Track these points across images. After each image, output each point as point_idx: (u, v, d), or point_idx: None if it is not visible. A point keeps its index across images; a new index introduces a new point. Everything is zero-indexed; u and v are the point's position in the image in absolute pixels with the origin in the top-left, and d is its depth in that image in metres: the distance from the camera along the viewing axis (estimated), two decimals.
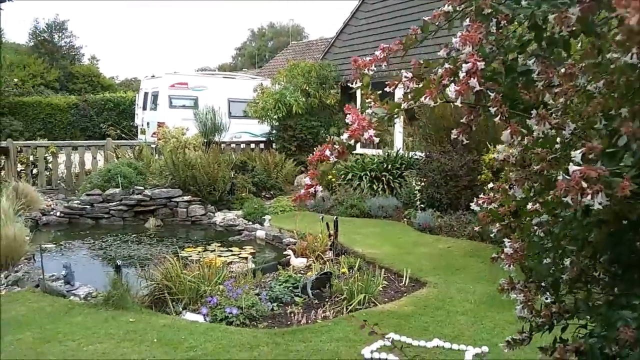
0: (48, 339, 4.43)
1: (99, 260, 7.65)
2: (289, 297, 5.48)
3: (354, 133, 1.47)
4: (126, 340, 4.43)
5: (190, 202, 10.02)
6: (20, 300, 5.35)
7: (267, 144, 14.41)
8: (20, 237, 6.66)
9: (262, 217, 9.36)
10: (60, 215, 9.77)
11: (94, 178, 10.44)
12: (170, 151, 11.05)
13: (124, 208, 9.81)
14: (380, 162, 10.80)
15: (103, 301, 5.21)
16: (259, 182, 11.39)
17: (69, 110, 23.79)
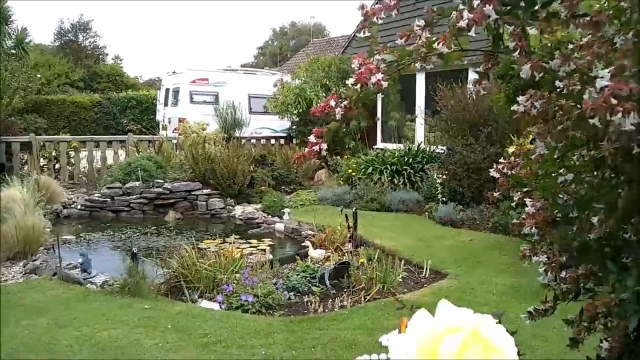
0: (63, 325, 4.41)
1: (118, 251, 7.65)
2: (306, 287, 5.39)
3: (360, 77, 1.36)
4: (140, 326, 4.39)
5: (209, 196, 10.00)
6: (37, 287, 5.35)
7: (288, 140, 14.35)
8: (38, 228, 6.68)
9: (281, 210, 9.28)
10: (81, 208, 9.83)
11: (115, 171, 10.48)
12: (190, 145, 11.06)
13: (144, 201, 9.82)
14: (401, 156, 10.66)
15: (119, 289, 5.18)
16: (279, 176, 11.33)
17: (93, 108, 24.06)
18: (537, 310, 1.75)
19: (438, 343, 0.64)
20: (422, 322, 0.66)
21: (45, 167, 12.08)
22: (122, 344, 4.05)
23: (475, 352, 0.64)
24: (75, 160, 12.56)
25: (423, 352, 0.64)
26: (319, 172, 12.49)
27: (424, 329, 0.65)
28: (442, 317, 0.67)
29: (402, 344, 0.65)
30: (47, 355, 3.84)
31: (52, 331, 4.27)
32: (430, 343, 0.64)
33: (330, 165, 12.28)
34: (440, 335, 0.65)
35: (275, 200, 9.66)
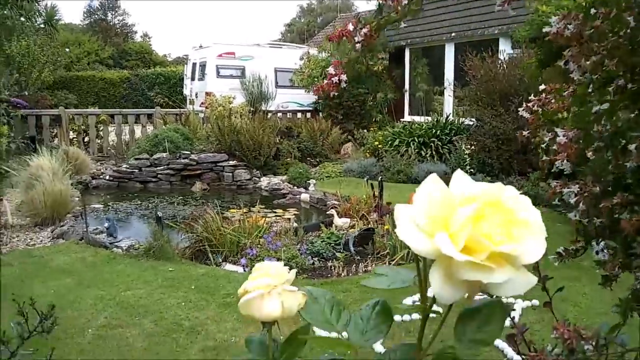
0: (88, 285, 4.45)
1: (145, 218, 7.70)
2: (330, 253, 5.35)
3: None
4: (164, 287, 4.41)
5: (235, 167, 10.00)
6: (64, 251, 5.41)
7: (314, 114, 14.24)
8: (66, 195, 6.75)
9: (307, 181, 9.24)
10: (110, 179, 9.92)
11: (142, 143, 10.54)
12: (216, 118, 11.05)
13: (171, 172, 9.87)
14: (429, 128, 10.49)
15: (144, 252, 5.21)
16: (305, 148, 11.25)
17: (122, 85, 24.25)
18: (567, 250, 1.65)
19: (452, 214, 0.57)
20: (434, 190, 0.58)
21: (74, 140, 12.22)
22: (146, 303, 4.06)
23: (496, 224, 0.56)
24: (104, 134, 12.68)
25: (433, 223, 0.56)
26: (345, 145, 12.38)
27: (436, 197, 0.58)
28: (458, 186, 0.59)
29: (409, 212, 0.57)
30: (71, 313, 3.88)
31: (77, 291, 4.31)
32: (442, 213, 0.57)
33: (357, 138, 12.15)
34: (455, 206, 0.57)
35: (301, 171, 9.61)
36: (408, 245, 0.55)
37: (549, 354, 1.00)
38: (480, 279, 0.53)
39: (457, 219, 0.56)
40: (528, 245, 0.55)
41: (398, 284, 0.65)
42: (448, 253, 0.53)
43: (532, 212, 0.58)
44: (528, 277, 0.55)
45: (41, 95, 13.36)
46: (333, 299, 0.73)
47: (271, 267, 0.71)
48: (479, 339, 0.59)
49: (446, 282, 0.54)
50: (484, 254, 0.53)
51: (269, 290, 0.68)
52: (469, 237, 0.54)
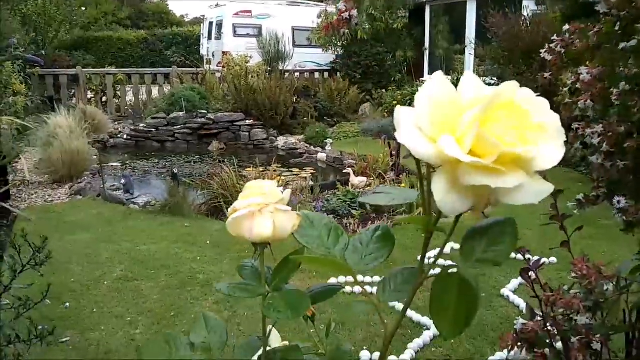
0: (104, 240, 4.48)
1: (162, 177, 7.72)
2: (346, 210, 5.32)
3: None
4: (180, 242, 4.42)
5: (252, 126, 9.95)
6: (81, 207, 5.45)
7: (332, 74, 14.03)
8: (83, 152, 6.77)
9: (324, 141, 9.16)
10: (127, 138, 9.95)
11: (159, 102, 10.53)
12: (233, 77, 10.95)
13: (188, 131, 9.86)
14: None
15: (160, 208, 5.23)
16: (322, 108, 11.13)
17: (139, 45, 24.11)
18: (588, 198, 1.58)
19: (458, 117, 0.50)
20: (439, 91, 0.52)
21: (92, 99, 12.22)
22: (161, 257, 4.08)
23: (508, 126, 0.50)
24: (122, 93, 12.66)
25: (438, 127, 0.50)
26: (363, 105, 12.23)
27: (441, 99, 0.51)
28: (467, 88, 0.53)
29: (412, 115, 0.51)
30: (87, 266, 3.91)
31: (94, 245, 4.35)
32: (448, 117, 0.51)
33: (375, 98, 11.98)
34: (462, 109, 0.51)
35: (318, 131, 9.52)
36: (408, 149, 0.49)
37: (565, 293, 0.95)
38: (488, 184, 0.47)
39: (464, 121, 0.50)
40: (543, 148, 0.49)
41: (399, 200, 0.59)
42: (452, 154, 0.47)
43: (549, 114, 0.51)
44: (542, 184, 0.49)
45: (58, 55, 13.34)
46: (331, 223, 0.68)
47: (264, 185, 0.65)
48: (488, 258, 0.54)
49: (450, 190, 0.49)
50: (493, 155, 0.47)
51: (260, 209, 0.63)
52: (476, 138, 0.48)
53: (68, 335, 2.94)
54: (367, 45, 12.65)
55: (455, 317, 0.53)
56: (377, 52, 12.63)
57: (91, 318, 3.16)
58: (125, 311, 3.24)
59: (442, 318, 0.53)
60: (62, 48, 16.01)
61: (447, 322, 0.53)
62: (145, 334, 2.97)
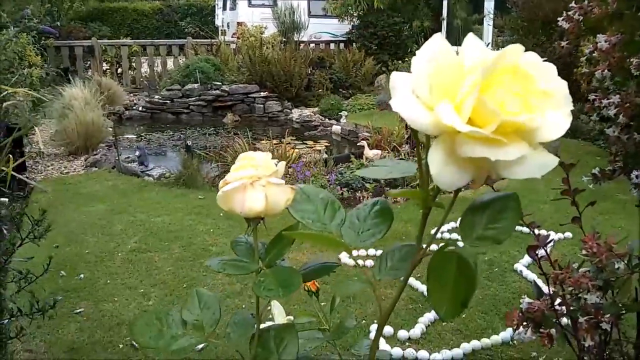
0: (119, 211, 4.51)
1: (177, 149, 7.74)
2: (360, 184, 5.28)
3: None
4: (193, 214, 4.43)
5: (267, 99, 9.89)
6: (97, 179, 5.48)
7: (347, 44, 13.84)
8: (98, 124, 6.78)
9: (339, 113, 9.08)
10: (142, 110, 9.95)
11: (174, 73, 10.48)
12: (247, 48, 10.86)
13: (202, 103, 9.83)
14: None
15: (174, 180, 5.24)
16: (337, 80, 11.01)
17: (154, 16, 23.95)
18: (603, 172, 1.54)
19: (458, 83, 0.47)
20: (438, 54, 0.48)
21: (107, 71, 12.21)
22: (175, 229, 4.10)
23: (511, 92, 0.46)
24: (137, 65, 12.63)
25: (436, 93, 0.47)
26: (379, 77, 12.07)
27: (440, 63, 0.48)
28: (469, 51, 0.49)
29: (409, 81, 0.48)
30: (102, 237, 3.94)
31: (108, 216, 4.38)
32: (447, 82, 0.47)
33: (391, 69, 11.81)
34: (463, 73, 0.47)
35: (333, 103, 9.44)
36: (404, 118, 0.46)
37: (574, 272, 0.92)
38: (487, 156, 0.43)
39: (464, 86, 0.46)
40: (548, 117, 0.46)
41: (396, 173, 0.56)
42: (449, 122, 0.43)
43: (556, 81, 0.48)
44: (546, 156, 0.46)
45: (74, 26, 13.31)
46: (328, 197, 0.65)
47: (257, 157, 0.63)
48: (488, 236, 0.50)
49: (448, 163, 0.45)
50: (493, 125, 0.44)
51: (252, 182, 0.60)
52: (475, 104, 0.44)
53: (82, 307, 2.97)
54: (384, 15, 12.43)
55: (453, 298, 0.50)
56: (394, 22, 12.41)
57: (105, 289, 3.19)
58: (139, 282, 3.27)
59: (440, 298, 0.50)
60: (78, 19, 15.96)
61: (445, 303, 0.50)
62: (158, 306, 2.99)
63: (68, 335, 2.71)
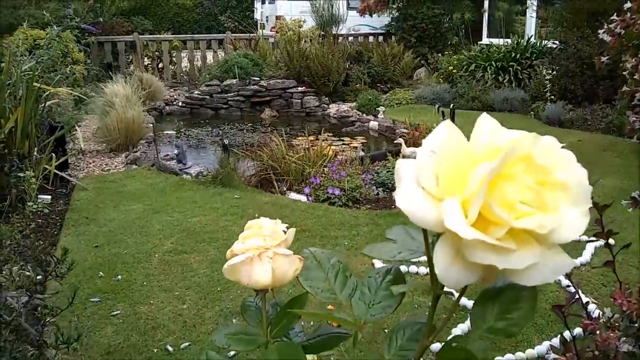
0: (157, 210, 4.58)
1: (215, 145, 7.81)
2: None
3: None
4: (229, 214, 4.47)
5: (304, 94, 9.89)
6: (137, 176, 5.58)
7: (387, 37, 13.71)
8: (138, 121, 6.89)
9: (376, 108, 9.01)
10: (182, 105, 10.09)
11: (213, 69, 10.57)
12: (285, 42, 10.87)
13: (241, 99, 9.89)
14: (508, 52, 9.87)
15: (211, 179, 5.29)
16: (375, 74, 10.91)
17: (195, 10, 24.22)
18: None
19: (470, 169, 0.44)
20: (447, 140, 0.46)
21: (149, 66, 12.40)
22: (211, 229, 4.14)
23: (525, 186, 0.43)
24: (177, 60, 12.80)
25: (445, 184, 0.44)
26: (418, 70, 11.93)
27: (449, 149, 0.45)
28: (482, 134, 0.46)
29: (414, 169, 0.45)
30: (140, 237, 4.01)
31: (147, 216, 4.45)
32: (457, 171, 0.44)
33: (431, 63, 11.65)
34: (475, 161, 0.45)
35: (370, 98, 9.37)
36: (407, 215, 0.44)
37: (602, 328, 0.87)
38: (493, 263, 0.41)
39: (473, 180, 0.43)
40: (564, 216, 0.42)
41: (406, 253, 0.53)
42: (451, 227, 0.41)
43: (574, 171, 0.44)
44: (561, 259, 0.43)
45: (116, 21, 13.55)
46: (339, 263, 0.63)
47: (265, 225, 0.61)
48: (500, 327, 0.48)
49: (453, 263, 0.43)
50: (501, 229, 0.41)
51: (259, 254, 0.59)
52: (484, 206, 0.42)
53: (119, 309, 3.03)
54: (424, 7, 12.26)
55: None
56: (434, 15, 12.22)
57: (141, 291, 3.24)
58: (174, 285, 3.32)
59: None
60: (120, 14, 16.24)
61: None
62: (192, 309, 3.03)
63: (104, 338, 2.77)
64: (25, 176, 4.45)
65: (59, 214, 4.60)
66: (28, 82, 5.11)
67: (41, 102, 5.48)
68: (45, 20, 8.09)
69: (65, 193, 5.12)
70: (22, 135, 4.93)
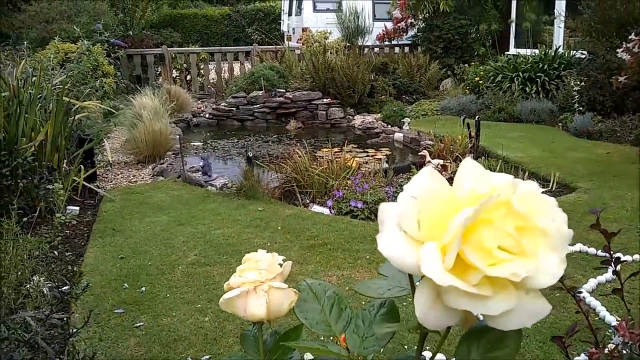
0: (181, 222, 4.64)
1: (240, 157, 7.89)
2: None
3: None
4: (252, 226, 4.51)
5: (329, 105, 9.94)
6: (163, 188, 5.66)
7: (412, 48, 13.70)
8: (166, 133, 7.00)
9: (401, 120, 9.00)
10: (209, 117, 10.22)
11: (239, 81, 10.70)
12: (311, 54, 10.94)
13: (266, 110, 9.99)
14: (535, 62, 9.77)
15: (236, 191, 5.34)
16: (400, 85, 10.91)
17: (223, 21, 24.57)
18: None
19: (449, 217, 0.45)
20: (429, 185, 0.47)
21: (177, 78, 12.60)
22: (234, 242, 4.18)
23: (504, 232, 0.44)
24: (205, 72, 12.97)
25: (427, 227, 0.45)
26: (444, 81, 11.89)
27: (431, 194, 0.46)
28: (465, 179, 0.48)
29: (396, 213, 0.47)
30: (164, 249, 4.07)
31: (171, 228, 4.52)
32: (438, 217, 0.46)
33: (457, 73, 11.61)
34: (457, 206, 0.46)
35: (396, 109, 9.36)
36: (388, 258, 0.45)
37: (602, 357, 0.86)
38: (469, 309, 0.42)
39: (452, 227, 0.44)
40: (543, 262, 0.43)
41: (395, 291, 0.55)
42: (427, 273, 0.42)
43: (553, 216, 0.45)
44: (539, 304, 0.44)
45: (145, 34, 13.81)
46: (335, 295, 0.64)
47: (261, 259, 0.63)
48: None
49: (433, 307, 0.44)
50: (477, 275, 0.42)
51: (254, 287, 0.61)
52: (460, 252, 0.43)
53: (142, 321, 3.08)
54: (450, 18, 12.21)
55: None
56: (460, 25, 12.17)
57: (164, 303, 3.29)
58: (197, 297, 3.35)
59: None
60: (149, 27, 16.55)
61: None
62: (214, 322, 3.06)
63: (127, 349, 2.81)
64: (54, 188, 4.56)
65: (87, 225, 4.70)
66: (58, 95, 5.25)
67: (71, 115, 5.62)
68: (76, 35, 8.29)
69: (93, 204, 5.23)
70: (52, 148, 5.06)
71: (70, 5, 11.19)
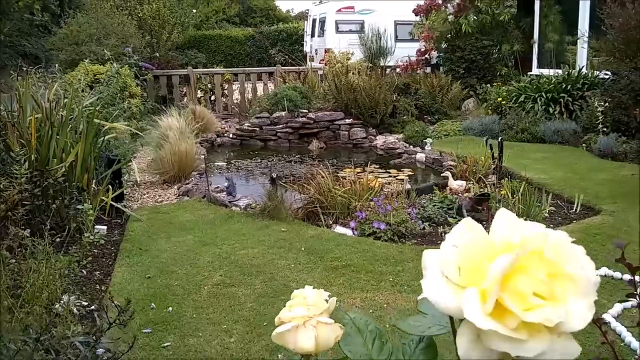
0: (206, 242, 4.71)
1: (263, 177, 7.97)
2: (442, 218, 5.23)
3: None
4: (276, 247, 4.56)
5: (351, 125, 10.02)
6: (188, 208, 5.76)
7: (434, 68, 13.75)
8: (191, 153, 7.13)
9: (424, 140, 9.03)
10: (233, 137, 10.37)
11: (263, 101, 10.85)
12: (334, 75, 11.06)
13: (289, 130, 10.10)
14: (558, 83, 9.74)
15: (259, 211, 5.41)
16: (423, 105, 10.96)
17: (247, 42, 24.97)
18: None
19: (487, 264, 0.50)
20: (468, 234, 0.52)
21: (202, 98, 12.83)
22: (258, 263, 4.24)
23: (537, 279, 0.48)
24: (229, 92, 13.18)
25: (467, 273, 0.50)
26: (466, 101, 11.89)
27: (470, 243, 0.51)
28: (500, 228, 0.52)
29: (437, 259, 0.51)
30: (190, 269, 4.14)
31: (197, 248, 4.59)
32: (477, 263, 0.50)
33: (479, 94, 11.61)
34: (494, 253, 0.50)
35: (418, 130, 9.40)
36: (432, 302, 0.50)
37: None
38: (507, 351, 0.46)
39: (490, 272, 0.49)
40: (572, 308, 0.48)
41: (435, 329, 0.59)
42: (469, 317, 0.46)
43: (581, 264, 0.50)
44: (570, 345, 0.48)
45: (172, 55, 14.11)
46: (376, 329, 0.69)
47: (308, 295, 0.68)
48: None
49: (473, 347, 0.49)
50: (514, 320, 0.46)
51: (303, 322, 0.65)
52: (499, 298, 0.47)
53: (169, 341, 3.14)
54: (472, 38, 12.26)
55: None
56: (482, 46, 12.20)
57: (190, 323, 3.35)
58: (222, 318, 3.41)
59: None
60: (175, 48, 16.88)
61: None
62: (239, 343, 3.10)
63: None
64: (84, 208, 4.67)
65: (114, 244, 4.79)
66: (89, 117, 5.39)
67: (100, 136, 5.76)
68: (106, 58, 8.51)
69: (120, 223, 5.33)
70: (82, 169, 5.19)
71: (99, 28, 11.49)
